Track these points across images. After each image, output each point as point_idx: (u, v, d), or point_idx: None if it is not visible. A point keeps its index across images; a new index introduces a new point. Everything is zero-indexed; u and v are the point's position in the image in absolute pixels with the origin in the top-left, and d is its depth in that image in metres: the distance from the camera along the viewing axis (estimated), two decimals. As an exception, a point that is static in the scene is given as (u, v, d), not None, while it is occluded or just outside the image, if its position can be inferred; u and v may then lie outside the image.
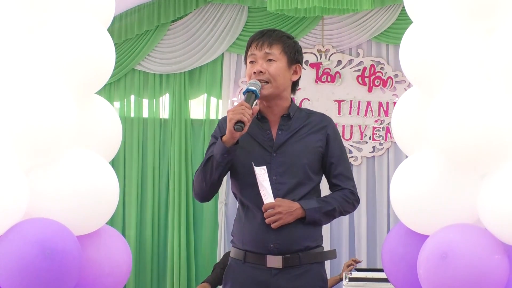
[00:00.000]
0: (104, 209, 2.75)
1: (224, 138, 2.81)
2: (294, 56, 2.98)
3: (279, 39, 2.96)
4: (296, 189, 2.90)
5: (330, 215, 2.95)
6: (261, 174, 2.84)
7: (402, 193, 2.72)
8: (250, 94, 2.85)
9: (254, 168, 2.85)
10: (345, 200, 2.97)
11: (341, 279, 5.59)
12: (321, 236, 2.98)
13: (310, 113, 3.05)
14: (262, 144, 2.93)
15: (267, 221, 2.83)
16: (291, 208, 2.84)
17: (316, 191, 2.97)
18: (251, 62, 2.95)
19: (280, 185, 2.88)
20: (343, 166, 3.01)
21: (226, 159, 2.82)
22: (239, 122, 2.76)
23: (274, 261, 2.84)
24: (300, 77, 3.03)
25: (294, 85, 3.04)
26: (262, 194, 2.83)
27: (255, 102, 2.86)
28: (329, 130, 3.00)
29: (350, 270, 5.59)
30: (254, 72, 2.92)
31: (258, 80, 2.89)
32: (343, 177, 3.00)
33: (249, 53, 2.97)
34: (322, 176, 3.03)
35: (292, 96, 3.05)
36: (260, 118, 2.96)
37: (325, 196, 2.98)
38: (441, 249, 2.52)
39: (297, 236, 2.87)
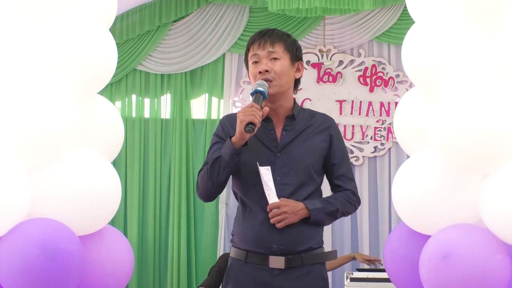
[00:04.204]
0: (106, 209, 2.74)
1: (233, 139, 2.79)
2: (296, 54, 2.99)
3: (280, 37, 2.97)
4: (299, 190, 2.89)
5: (333, 216, 2.95)
6: (266, 174, 2.83)
7: (404, 193, 2.71)
8: (258, 95, 2.84)
9: (259, 168, 2.84)
10: (348, 201, 2.98)
11: (354, 258, 5.65)
12: (322, 237, 2.98)
13: (313, 113, 3.05)
14: (267, 144, 2.92)
15: (272, 221, 2.82)
16: (296, 208, 2.84)
17: (318, 191, 2.97)
18: (255, 62, 2.96)
19: (284, 185, 2.87)
20: (345, 167, 3.02)
21: (235, 160, 2.81)
22: (250, 123, 2.75)
23: (276, 262, 2.84)
24: (302, 75, 3.03)
25: (296, 84, 3.04)
26: (266, 194, 2.82)
27: (263, 103, 2.84)
28: (332, 131, 3.01)
29: (365, 264, 5.67)
30: (260, 72, 2.92)
31: (264, 79, 2.89)
32: (345, 178, 3.00)
33: (251, 53, 2.98)
34: (323, 176, 3.02)
35: (294, 95, 3.04)
36: (265, 118, 2.95)
37: (327, 197, 2.97)
38: (443, 249, 2.51)
39: (300, 237, 2.86)
